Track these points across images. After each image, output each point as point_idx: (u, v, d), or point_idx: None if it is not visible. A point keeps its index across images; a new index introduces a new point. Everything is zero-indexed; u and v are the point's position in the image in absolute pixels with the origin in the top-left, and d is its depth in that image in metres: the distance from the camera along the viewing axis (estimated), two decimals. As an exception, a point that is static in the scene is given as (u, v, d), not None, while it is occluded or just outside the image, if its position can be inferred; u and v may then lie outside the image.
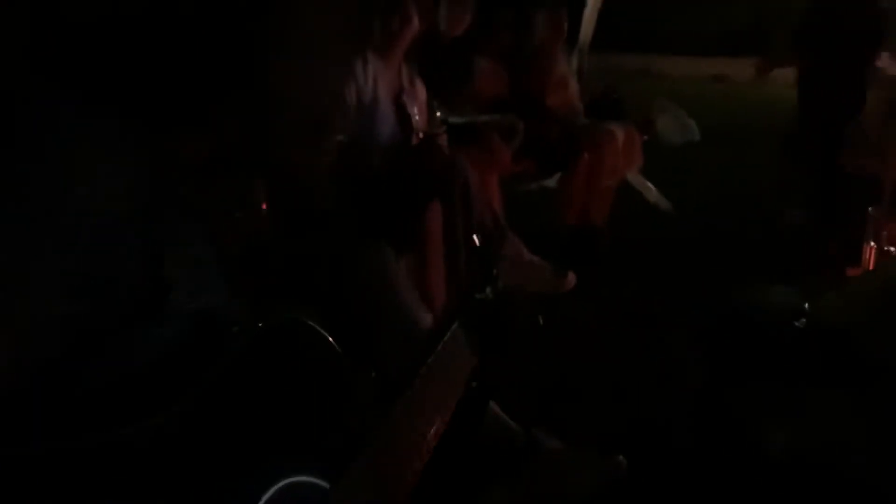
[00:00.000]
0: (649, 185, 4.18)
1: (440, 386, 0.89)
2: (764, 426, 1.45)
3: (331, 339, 0.73)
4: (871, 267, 1.87)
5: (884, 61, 6.26)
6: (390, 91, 2.73)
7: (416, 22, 2.67)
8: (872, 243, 1.87)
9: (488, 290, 1.34)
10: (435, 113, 3.00)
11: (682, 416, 1.66)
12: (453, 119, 3.26)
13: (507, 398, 1.87)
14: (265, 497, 0.64)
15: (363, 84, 2.62)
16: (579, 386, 2.25)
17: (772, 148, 4.80)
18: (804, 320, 1.48)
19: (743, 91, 8.76)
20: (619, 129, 3.63)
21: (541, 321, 1.51)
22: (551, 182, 3.70)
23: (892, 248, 1.83)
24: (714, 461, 1.50)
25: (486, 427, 1.78)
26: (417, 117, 2.78)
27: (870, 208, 1.94)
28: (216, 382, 0.63)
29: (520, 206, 3.40)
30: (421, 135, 2.76)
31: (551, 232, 3.44)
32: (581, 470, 1.84)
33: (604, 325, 2.69)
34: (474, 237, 2.30)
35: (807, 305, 1.51)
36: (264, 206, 1.96)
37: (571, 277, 2.96)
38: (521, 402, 1.92)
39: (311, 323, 0.72)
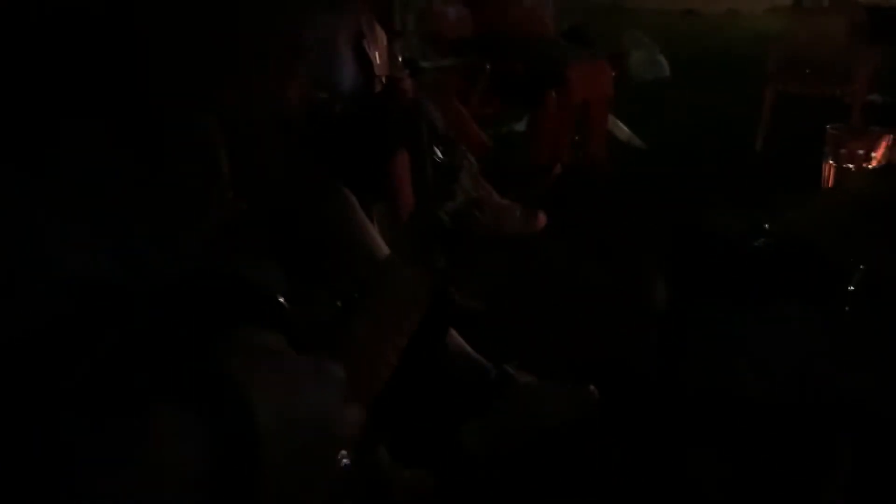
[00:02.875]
0: (620, 124, 4.17)
1: (395, 304, 0.88)
2: (727, 347, 1.47)
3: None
4: (830, 184, 1.89)
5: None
6: (349, 37, 2.68)
7: None
8: (832, 161, 1.88)
9: (448, 205, 1.33)
10: (397, 57, 2.96)
11: (648, 345, 1.68)
12: (417, 63, 3.22)
13: (478, 337, 1.88)
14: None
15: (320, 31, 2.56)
16: (547, 320, 2.27)
17: (740, 80, 4.80)
18: (763, 239, 1.49)
19: (713, 24, 8.73)
20: (586, 61, 3.60)
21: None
22: (520, 126, 3.68)
23: (852, 166, 1.84)
24: (681, 387, 1.53)
25: (457, 363, 1.80)
26: (378, 62, 2.74)
27: (828, 126, 1.94)
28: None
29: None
30: (384, 80, 2.72)
31: (521, 174, 3.42)
32: (553, 401, 1.87)
33: (572, 260, 2.71)
34: (436, 150, 2.28)
35: (767, 225, 1.52)
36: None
37: (542, 217, 2.97)
38: (492, 340, 1.93)
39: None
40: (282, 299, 0.65)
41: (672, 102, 5.06)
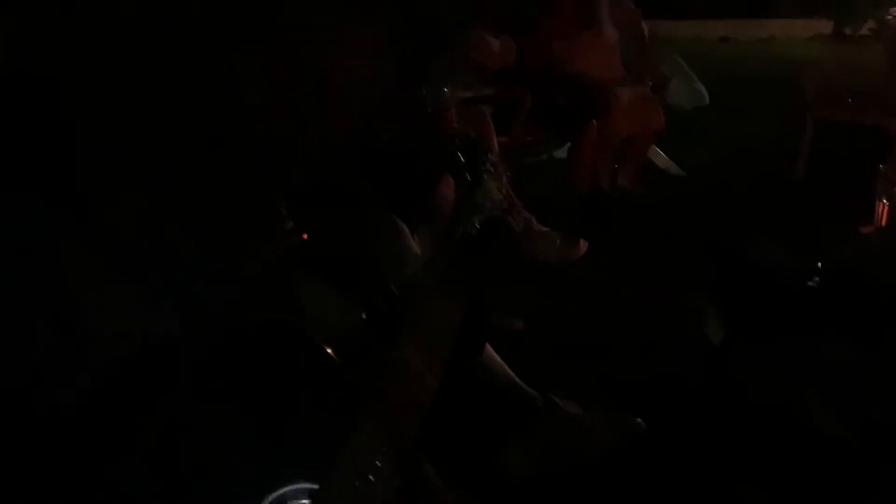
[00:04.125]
0: (659, 151, 4.18)
1: (432, 330, 0.92)
2: (778, 383, 1.48)
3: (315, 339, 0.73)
4: (883, 223, 1.88)
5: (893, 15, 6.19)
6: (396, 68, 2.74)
7: None
8: (885, 200, 1.88)
9: (475, 219, 1.35)
10: (443, 88, 3.00)
11: (696, 375, 1.69)
12: (459, 93, 3.26)
13: (523, 364, 1.90)
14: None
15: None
16: (595, 347, 2.28)
17: (779, 105, 4.78)
18: (817, 279, 1.50)
19: (750, 52, 8.70)
20: (627, 91, 3.61)
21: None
22: (561, 152, 3.71)
23: (905, 204, 1.84)
24: (727, 419, 1.53)
25: (502, 389, 1.82)
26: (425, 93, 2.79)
27: (881, 165, 1.94)
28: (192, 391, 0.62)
29: (529, 177, 3.41)
30: (430, 109, 2.77)
31: (562, 201, 3.45)
32: (597, 430, 1.88)
33: (618, 287, 2.72)
34: (458, 155, 2.31)
35: (820, 265, 1.53)
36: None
37: (582, 245, 2.98)
38: (537, 367, 1.95)
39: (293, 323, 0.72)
40: (329, 350, 0.68)
41: (711, 130, 5.06)
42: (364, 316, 0.86)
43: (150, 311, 0.75)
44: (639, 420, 1.87)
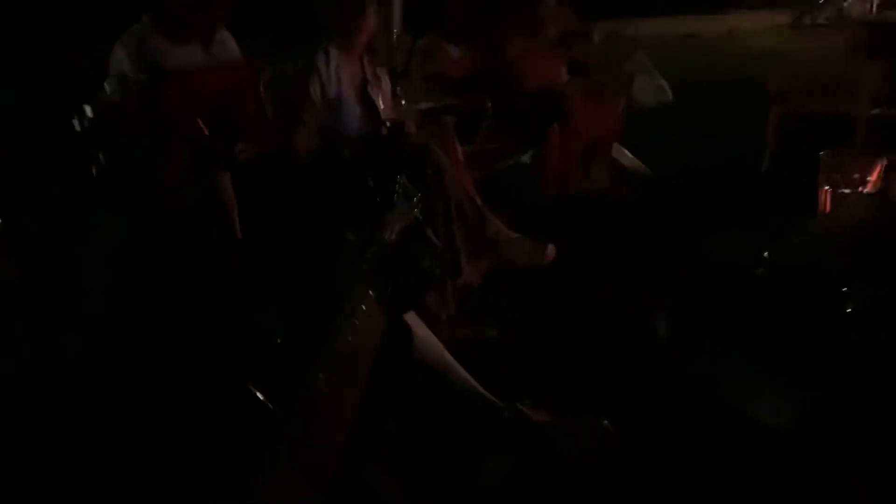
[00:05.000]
0: (625, 151, 4.21)
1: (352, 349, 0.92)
2: (730, 377, 1.49)
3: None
4: (827, 209, 1.92)
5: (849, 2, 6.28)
6: (355, 84, 2.77)
7: (373, 19, 2.75)
8: (827, 186, 1.91)
9: (393, 229, 1.36)
10: (401, 101, 3.03)
11: (655, 375, 1.71)
12: (422, 105, 3.29)
13: (489, 376, 1.92)
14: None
15: (327, 79, 2.66)
16: (557, 350, 2.30)
17: (745, 101, 4.83)
18: (762, 269, 1.53)
19: (713, 46, 8.80)
20: (591, 94, 3.65)
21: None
22: (526, 158, 3.73)
23: (847, 191, 1.87)
24: (689, 417, 1.55)
25: (468, 402, 1.83)
26: (383, 107, 2.82)
27: (822, 153, 1.98)
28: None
29: (497, 183, 3.43)
30: (388, 124, 2.79)
31: (529, 206, 3.47)
32: (569, 437, 1.89)
33: (579, 289, 2.74)
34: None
35: (766, 254, 1.55)
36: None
37: (551, 250, 3.00)
38: (503, 378, 1.97)
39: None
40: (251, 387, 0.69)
41: (676, 127, 5.10)
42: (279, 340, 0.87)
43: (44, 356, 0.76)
44: (607, 423, 1.88)
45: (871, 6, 5.97)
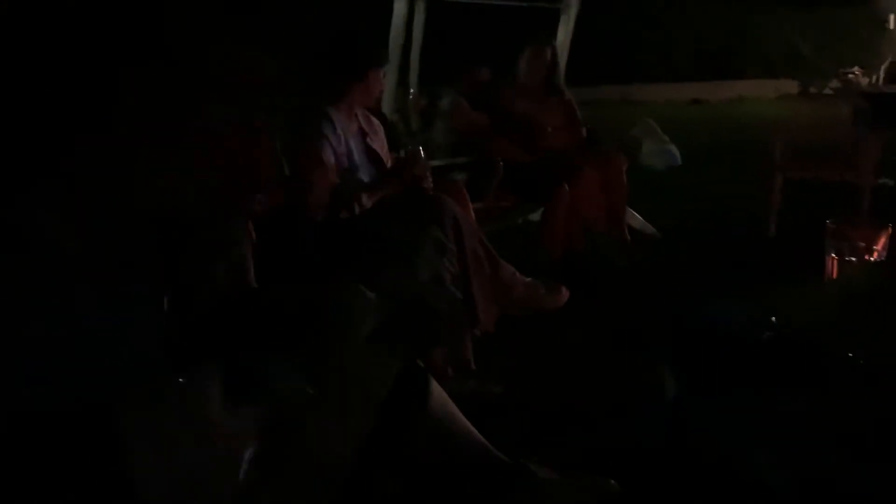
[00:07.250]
0: (634, 213, 4.26)
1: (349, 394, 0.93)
2: (736, 438, 1.50)
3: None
4: (833, 276, 1.94)
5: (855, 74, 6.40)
6: (357, 140, 2.82)
7: (380, 79, 2.82)
8: (833, 254, 1.93)
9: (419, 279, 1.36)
10: (420, 155, 3.07)
11: (660, 434, 1.71)
12: (433, 162, 3.35)
13: (492, 429, 1.91)
14: None
15: (336, 143, 2.71)
16: (562, 408, 2.29)
17: (749, 164, 4.89)
18: (769, 333, 1.55)
19: (721, 112, 8.95)
20: (599, 160, 3.73)
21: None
22: (535, 216, 3.78)
23: (853, 259, 1.89)
24: (693, 474, 1.55)
25: (473, 457, 1.82)
26: (383, 152, 2.88)
27: (828, 221, 2.00)
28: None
29: (507, 239, 3.46)
30: (403, 153, 2.84)
31: (539, 264, 3.49)
32: (577, 496, 1.88)
33: (584, 348, 2.74)
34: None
35: (773, 319, 1.58)
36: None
37: (565, 292, 2.99)
38: (507, 432, 1.96)
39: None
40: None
41: (685, 190, 5.16)
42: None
43: None
44: (613, 482, 1.87)
45: (878, 78, 6.11)
